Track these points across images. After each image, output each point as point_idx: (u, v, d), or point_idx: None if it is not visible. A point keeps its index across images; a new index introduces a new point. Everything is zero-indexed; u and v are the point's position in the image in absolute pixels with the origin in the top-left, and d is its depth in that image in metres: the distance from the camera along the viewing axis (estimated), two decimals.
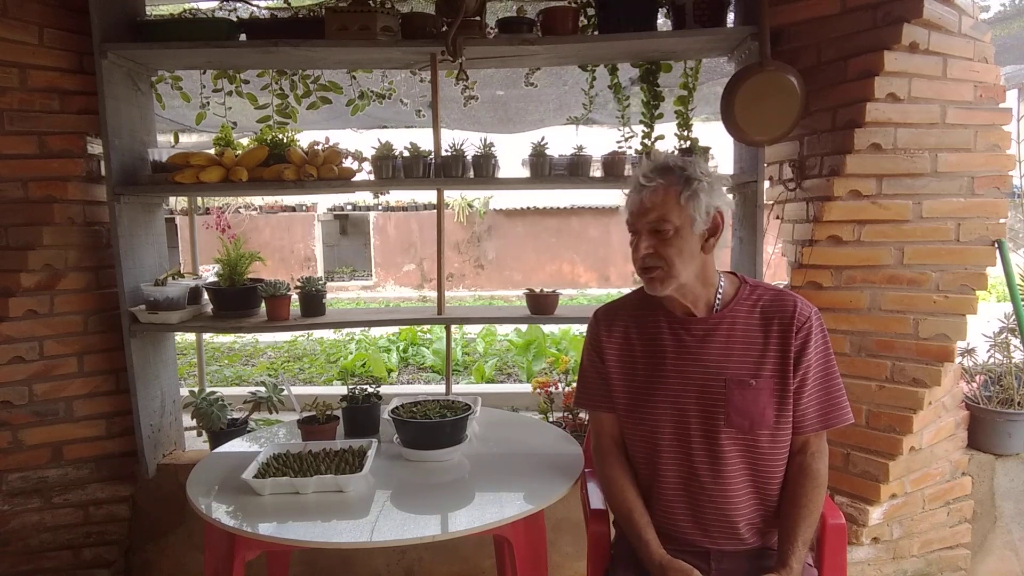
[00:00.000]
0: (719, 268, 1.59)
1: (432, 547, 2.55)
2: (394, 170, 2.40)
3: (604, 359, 1.64)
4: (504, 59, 2.55)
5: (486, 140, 2.44)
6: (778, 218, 2.48)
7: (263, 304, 2.53)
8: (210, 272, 2.91)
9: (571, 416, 2.74)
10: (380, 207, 14.48)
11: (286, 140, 2.56)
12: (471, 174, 2.43)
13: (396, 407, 2.05)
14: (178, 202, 6.25)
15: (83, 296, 2.41)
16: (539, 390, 2.99)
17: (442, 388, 2.90)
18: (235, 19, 2.57)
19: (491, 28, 2.47)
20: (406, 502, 1.72)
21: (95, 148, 2.39)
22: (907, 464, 2.23)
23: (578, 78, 3.08)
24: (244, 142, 2.77)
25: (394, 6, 2.48)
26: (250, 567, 1.69)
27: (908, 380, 2.18)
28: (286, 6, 2.89)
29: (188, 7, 2.92)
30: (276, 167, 2.39)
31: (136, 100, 2.46)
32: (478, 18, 2.33)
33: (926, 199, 2.16)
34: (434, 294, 2.99)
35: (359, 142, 2.75)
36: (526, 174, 2.46)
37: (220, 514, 1.63)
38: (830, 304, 2.22)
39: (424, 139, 2.54)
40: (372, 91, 3.09)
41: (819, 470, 1.54)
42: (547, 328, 6.36)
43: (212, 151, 2.48)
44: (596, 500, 1.79)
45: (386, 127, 4.46)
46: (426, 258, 14.19)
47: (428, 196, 12.75)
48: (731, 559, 1.55)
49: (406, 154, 2.40)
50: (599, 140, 2.95)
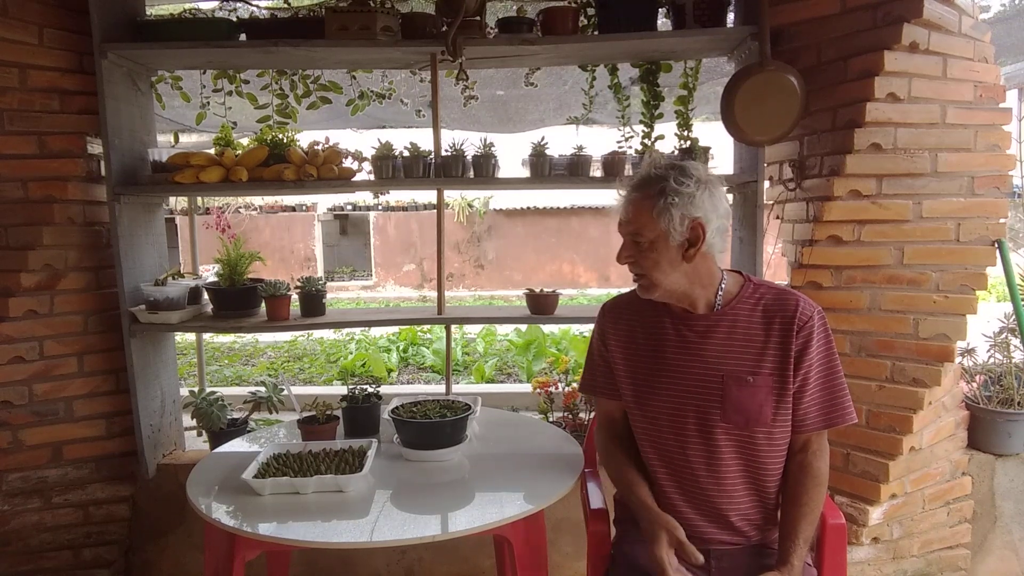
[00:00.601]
0: (722, 267, 1.60)
1: (432, 547, 2.55)
2: (394, 170, 2.40)
3: (609, 350, 1.67)
4: (504, 59, 2.55)
5: (486, 140, 2.44)
6: (778, 218, 2.48)
7: (263, 304, 2.53)
8: (210, 272, 2.91)
9: (571, 416, 2.74)
10: (380, 207, 14.47)
11: (286, 140, 2.56)
12: (471, 174, 2.43)
13: (396, 407, 2.06)
14: (178, 202, 6.24)
15: (83, 296, 2.41)
16: (539, 390, 2.99)
17: (442, 388, 2.90)
18: (235, 19, 2.57)
19: (491, 28, 2.47)
20: (406, 502, 1.72)
21: (95, 148, 2.39)
22: (907, 464, 2.23)
23: (578, 78, 3.08)
24: (244, 142, 2.76)
25: (394, 6, 2.48)
26: (250, 567, 1.69)
27: (908, 380, 2.18)
28: (286, 6, 2.89)
29: (188, 7, 2.92)
30: (276, 167, 2.39)
31: (136, 100, 2.46)
32: (478, 18, 2.33)
33: (926, 199, 2.16)
34: (434, 294, 2.99)
35: (359, 142, 2.74)
36: (526, 174, 2.46)
37: (220, 514, 1.64)
38: (830, 304, 2.21)
39: (424, 139, 2.54)
40: (372, 91, 3.09)
41: (820, 469, 1.54)
42: (547, 328, 6.35)
43: (212, 151, 2.48)
44: (596, 500, 1.79)
45: (386, 127, 4.45)
46: (426, 258, 14.18)
47: (428, 196, 12.74)
48: (731, 556, 1.55)
49: (406, 154, 2.40)
50: (599, 140, 2.95)
